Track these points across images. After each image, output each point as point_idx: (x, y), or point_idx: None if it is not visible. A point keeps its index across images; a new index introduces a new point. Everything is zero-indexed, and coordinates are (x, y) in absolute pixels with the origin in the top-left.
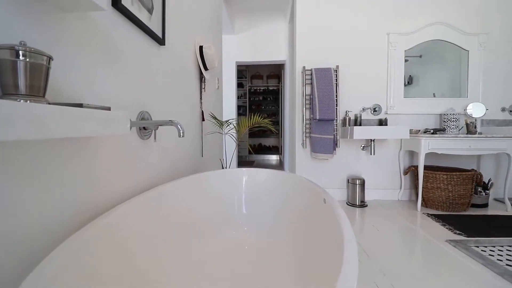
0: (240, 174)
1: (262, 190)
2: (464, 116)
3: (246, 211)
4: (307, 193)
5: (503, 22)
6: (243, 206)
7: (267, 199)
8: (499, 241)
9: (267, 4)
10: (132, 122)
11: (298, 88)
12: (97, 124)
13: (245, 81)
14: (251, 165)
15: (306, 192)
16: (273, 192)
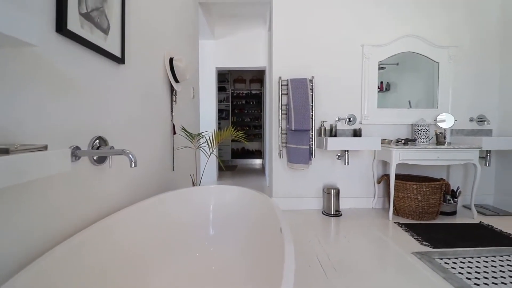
0: (206, 193)
1: (231, 209)
2: (435, 127)
3: (213, 231)
4: (269, 218)
5: (472, 36)
6: (210, 227)
7: (235, 218)
8: (463, 252)
9: (246, 11)
10: (81, 151)
11: (275, 98)
12: (24, 170)
13: (227, 84)
14: (234, 170)
15: (269, 217)
16: (241, 211)
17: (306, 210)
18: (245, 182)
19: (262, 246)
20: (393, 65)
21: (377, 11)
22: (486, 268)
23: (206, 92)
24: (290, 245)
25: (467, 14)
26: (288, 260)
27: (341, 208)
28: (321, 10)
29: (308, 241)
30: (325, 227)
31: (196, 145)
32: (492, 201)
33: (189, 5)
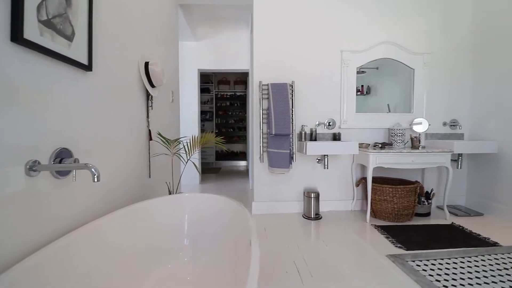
0: (181, 202)
1: (206, 218)
2: (410, 131)
3: (188, 241)
4: (243, 228)
5: (445, 43)
6: (184, 237)
7: (210, 227)
8: (435, 253)
9: (229, 13)
10: (40, 166)
11: (256, 103)
12: None
13: (211, 86)
14: (218, 172)
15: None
16: (216, 220)
17: (287, 214)
18: (228, 185)
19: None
20: (374, 69)
21: (356, 18)
22: (455, 269)
23: (188, 94)
24: (256, 261)
25: (441, 22)
26: (252, 277)
27: (321, 211)
28: (302, 16)
29: (287, 246)
30: (305, 231)
31: (173, 152)
32: (464, 201)
33: (167, 6)
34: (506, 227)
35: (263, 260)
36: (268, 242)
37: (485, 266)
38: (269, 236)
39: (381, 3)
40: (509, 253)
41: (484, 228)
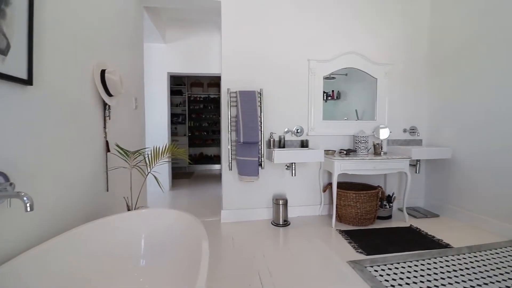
0: (137, 219)
1: (164, 235)
2: (373, 138)
3: (144, 262)
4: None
5: (405, 54)
6: (141, 257)
7: (169, 245)
8: (392, 258)
9: (198, 16)
10: None
11: (224, 111)
12: None
13: (184, 88)
14: (191, 177)
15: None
16: (175, 237)
17: (256, 221)
18: (201, 191)
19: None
20: (343, 75)
21: (323, 28)
22: (409, 273)
23: (157, 98)
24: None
25: (402, 35)
26: None
27: (290, 216)
28: (270, 24)
29: (253, 256)
30: (272, 239)
31: (132, 164)
32: (423, 203)
33: (130, 9)
34: (458, 227)
35: (228, 272)
36: (235, 252)
37: (436, 268)
38: (236, 246)
39: (347, 15)
40: (458, 254)
41: (438, 229)
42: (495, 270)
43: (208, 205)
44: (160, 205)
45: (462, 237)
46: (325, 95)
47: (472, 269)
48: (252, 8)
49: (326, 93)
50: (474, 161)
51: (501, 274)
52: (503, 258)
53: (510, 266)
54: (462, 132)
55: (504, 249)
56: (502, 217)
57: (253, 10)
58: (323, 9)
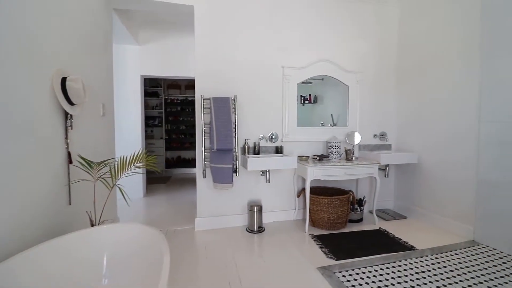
0: (98, 236)
1: (128, 251)
2: (345, 143)
3: (107, 281)
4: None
5: (375, 63)
6: (102, 276)
7: (131, 261)
8: (360, 262)
9: (173, 18)
10: None
11: (198, 117)
12: None
13: (160, 90)
14: (167, 181)
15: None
16: (138, 253)
17: (231, 228)
18: (177, 197)
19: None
20: (319, 80)
21: (296, 36)
22: (375, 277)
23: (130, 101)
24: None
25: (373, 44)
26: None
27: (265, 222)
28: (244, 31)
29: (225, 265)
30: (245, 247)
31: (96, 176)
32: (392, 206)
33: (96, 11)
34: (423, 229)
35: (198, 283)
36: (207, 261)
37: (400, 272)
38: (209, 255)
39: (320, 25)
40: (421, 256)
41: (405, 231)
42: (454, 271)
43: (183, 212)
44: (132, 214)
45: (426, 238)
46: (302, 99)
47: (433, 271)
48: (226, 14)
49: (303, 97)
50: (437, 165)
51: (459, 275)
52: (461, 259)
53: (467, 267)
54: (426, 137)
55: (464, 249)
56: (461, 219)
57: (227, 16)
58: (296, 18)
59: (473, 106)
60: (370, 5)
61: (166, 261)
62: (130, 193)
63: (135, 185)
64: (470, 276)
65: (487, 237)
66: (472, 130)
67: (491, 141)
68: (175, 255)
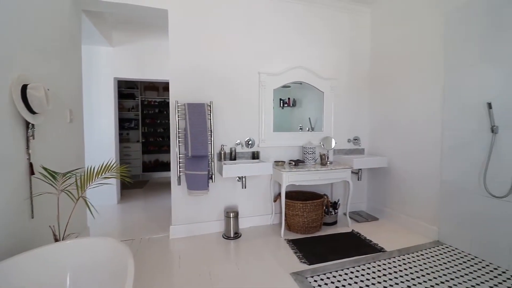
0: (60, 253)
1: (92, 268)
2: (320, 148)
3: None
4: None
5: (349, 70)
6: None
7: (97, 278)
8: (331, 266)
9: (148, 19)
10: None
11: (172, 123)
12: None
13: (137, 91)
14: (144, 186)
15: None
16: (103, 270)
17: (207, 235)
18: (153, 202)
19: None
20: (298, 84)
21: (273, 43)
22: (345, 281)
23: (102, 105)
24: None
25: (346, 51)
26: None
27: (242, 227)
28: (220, 36)
29: (198, 274)
30: (221, 254)
31: (60, 188)
32: (366, 207)
33: (63, 13)
34: (393, 230)
35: None
36: (180, 272)
37: (369, 274)
38: (182, 265)
39: (296, 31)
40: (389, 258)
41: (376, 233)
42: (419, 272)
43: (159, 219)
44: (104, 223)
45: (395, 239)
46: (281, 102)
47: (400, 272)
48: (202, 20)
49: (282, 100)
50: (405, 169)
51: (423, 276)
52: (426, 260)
53: (431, 267)
54: (396, 142)
55: (429, 250)
56: (427, 219)
57: (203, 21)
58: (273, 25)
59: (437, 114)
60: (344, 14)
61: (130, 275)
62: (102, 200)
63: (108, 192)
64: (433, 276)
65: (450, 237)
66: (436, 137)
67: (452, 147)
68: (147, 266)
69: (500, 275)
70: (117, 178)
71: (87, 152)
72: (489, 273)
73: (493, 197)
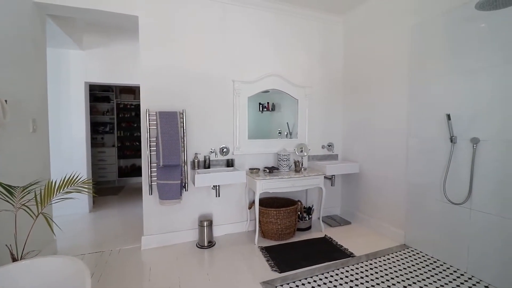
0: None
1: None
2: (295, 155)
3: None
4: None
5: (322, 77)
6: None
7: None
8: (302, 273)
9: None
10: None
11: (143, 132)
12: None
13: (112, 94)
14: (119, 192)
15: None
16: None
17: (181, 244)
18: (127, 210)
19: None
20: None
21: (247, 51)
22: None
23: (73, 110)
24: None
25: (320, 59)
26: None
27: (217, 235)
28: (192, 43)
29: (168, 287)
30: (193, 264)
31: (17, 204)
32: (339, 212)
33: (24, 18)
34: (364, 234)
35: None
36: (150, 285)
37: (336, 280)
38: (153, 277)
39: (270, 40)
40: (358, 263)
41: (347, 238)
42: (385, 276)
43: (133, 228)
44: (73, 234)
45: (364, 244)
46: (261, 106)
47: (366, 277)
48: (175, 27)
49: (261, 105)
50: (375, 174)
51: (387, 280)
52: (392, 264)
53: (396, 271)
54: (367, 149)
55: (395, 254)
56: (395, 224)
57: (175, 29)
58: (246, 33)
59: (403, 123)
60: (317, 23)
61: None
62: (73, 209)
63: (80, 200)
64: (397, 280)
65: (415, 241)
66: (403, 145)
67: (417, 155)
68: (115, 280)
69: (459, 277)
70: (81, 193)
71: (56, 162)
72: (448, 276)
73: (452, 203)
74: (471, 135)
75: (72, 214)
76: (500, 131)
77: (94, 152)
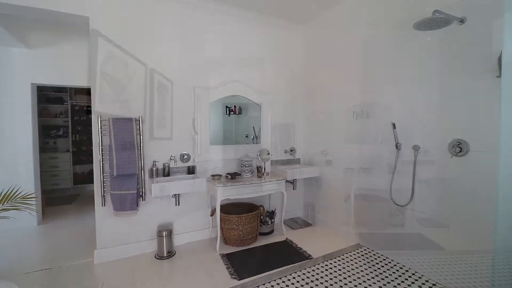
0: None
1: None
2: (257, 160)
3: None
4: None
5: (285, 84)
6: None
7: None
8: (260, 279)
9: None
10: None
11: (95, 140)
12: None
13: (66, 95)
14: (74, 201)
15: None
16: None
17: (138, 256)
18: (82, 220)
19: None
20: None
21: (208, 56)
22: None
23: (17, 114)
24: None
25: (283, 67)
26: None
27: (178, 244)
28: (152, 47)
29: None
30: (150, 277)
31: None
32: (302, 214)
33: None
34: (322, 236)
35: None
36: None
37: (293, 284)
38: None
39: (232, 47)
40: (315, 265)
41: (307, 240)
42: (340, 275)
43: (86, 241)
44: (20, 250)
45: (322, 245)
46: (227, 110)
47: (321, 279)
48: (130, 29)
49: (228, 108)
50: (333, 177)
51: (340, 280)
52: (346, 264)
53: (349, 271)
54: (325, 152)
55: (350, 253)
56: (349, 224)
57: (131, 31)
58: (209, 39)
59: (356, 129)
60: (280, 30)
61: None
62: (20, 221)
63: (26, 212)
64: (351, 279)
65: (367, 240)
66: (356, 149)
67: (368, 159)
68: None
69: (404, 274)
70: (18, 210)
71: None
72: (395, 272)
73: (397, 205)
74: (413, 143)
75: (17, 229)
76: (438, 138)
77: (45, 158)
